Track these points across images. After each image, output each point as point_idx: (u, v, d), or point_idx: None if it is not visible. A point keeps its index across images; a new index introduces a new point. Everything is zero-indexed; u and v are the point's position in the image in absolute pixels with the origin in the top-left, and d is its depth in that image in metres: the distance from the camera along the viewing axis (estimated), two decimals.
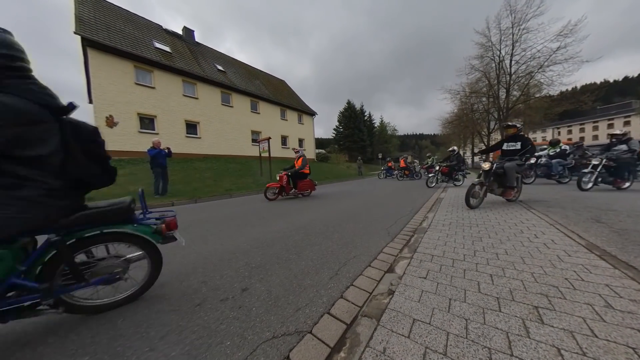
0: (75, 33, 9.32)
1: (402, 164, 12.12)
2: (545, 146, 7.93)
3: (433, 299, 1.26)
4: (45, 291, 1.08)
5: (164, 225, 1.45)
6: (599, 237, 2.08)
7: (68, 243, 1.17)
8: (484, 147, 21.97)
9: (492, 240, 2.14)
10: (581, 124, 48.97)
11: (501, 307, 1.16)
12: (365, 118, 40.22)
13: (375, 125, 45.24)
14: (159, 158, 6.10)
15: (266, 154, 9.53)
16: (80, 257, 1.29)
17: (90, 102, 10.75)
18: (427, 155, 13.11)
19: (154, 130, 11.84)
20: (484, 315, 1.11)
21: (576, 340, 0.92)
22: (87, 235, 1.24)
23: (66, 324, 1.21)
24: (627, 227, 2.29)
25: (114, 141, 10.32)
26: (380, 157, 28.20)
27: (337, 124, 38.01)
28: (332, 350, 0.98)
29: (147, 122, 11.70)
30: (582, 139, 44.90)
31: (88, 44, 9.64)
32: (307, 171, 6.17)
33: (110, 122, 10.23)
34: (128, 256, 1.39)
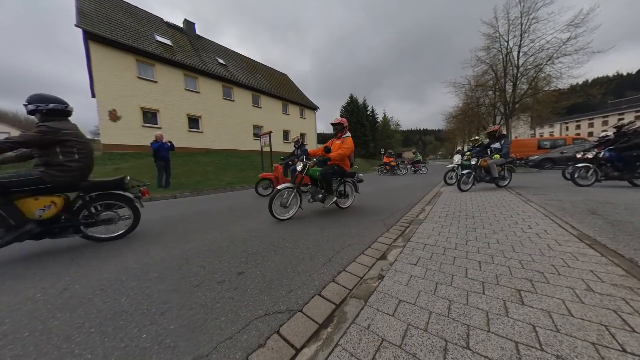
0: (76, 26, 9.33)
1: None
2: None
3: (420, 283, 1.31)
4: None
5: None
6: (592, 227, 2.10)
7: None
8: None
9: (486, 231, 2.17)
10: (590, 119, 47.71)
11: (485, 290, 1.20)
12: (368, 113, 39.75)
13: (378, 120, 44.72)
14: (161, 151, 6.18)
15: (267, 148, 9.57)
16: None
17: (93, 96, 10.84)
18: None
19: (156, 124, 11.94)
20: (467, 297, 1.15)
21: (552, 319, 0.96)
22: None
23: (74, 300, 1.29)
24: (622, 219, 2.30)
25: (117, 135, 10.46)
26: (382, 152, 28.07)
27: None
28: (320, 326, 1.04)
29: (150, 117, 11.79)
30: (590, 134, 43.87)
31: (90, 37, 9.65)
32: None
33: (114, 116, 10.33)
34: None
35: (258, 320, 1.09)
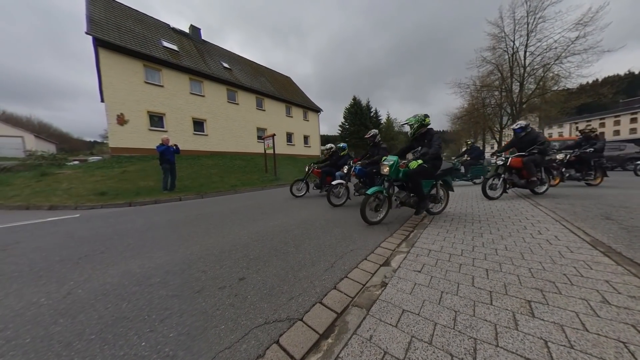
0: (87, 33, 9.62)
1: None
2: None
3: (425, 292, 1.27)
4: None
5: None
6: (606, 233, 2.01)
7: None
8: (495, 144, 21.22)
9: (493, 236, 2.11)
10: (601, 119, 46.30)
11: (493, 301, 1.15)
12: (372, 114, 39.60)
13: (382, 122, 44.47)
14: (167, 154, 6.28)
15: (271, 151, 9.61)
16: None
17: (102, 101, 11.12)
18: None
19: (163, 127, 12.15)
20: (474, 307, 1.11)
21: (565, 333, 0.91)
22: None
23: (76, 305, 1.30)
24: (639, 224, 2.20)
25: (125, 138, 10.68)
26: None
27: (342, 120, 37.66)
28: (320, 336, 1.02)
29: (156, 120, 12.01)
30: (602, 134, 42.57)
31: (99, 44, 9.93)
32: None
33: (121, 120, 10.57)
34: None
35: (258, 329, 1.07)
